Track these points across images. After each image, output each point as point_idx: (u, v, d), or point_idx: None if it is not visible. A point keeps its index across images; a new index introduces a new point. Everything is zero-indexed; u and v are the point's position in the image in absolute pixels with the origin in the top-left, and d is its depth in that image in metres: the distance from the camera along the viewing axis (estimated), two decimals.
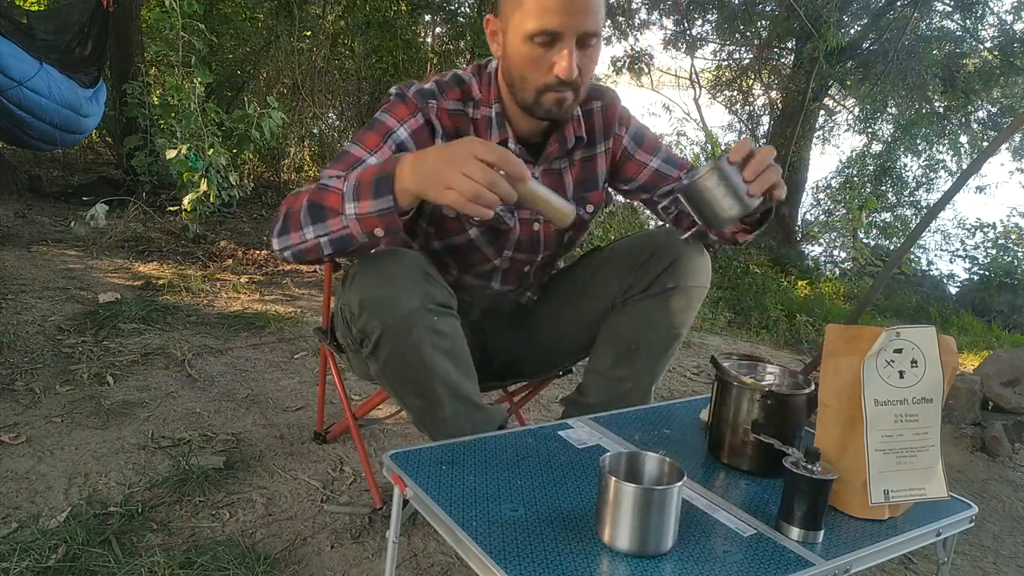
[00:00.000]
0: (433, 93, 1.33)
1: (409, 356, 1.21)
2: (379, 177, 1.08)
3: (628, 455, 0.98)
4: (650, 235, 1.48)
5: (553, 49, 1.21)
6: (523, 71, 1.24)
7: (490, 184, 0.99)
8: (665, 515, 0.89)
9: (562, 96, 1.25)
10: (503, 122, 1.35)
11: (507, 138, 1.35)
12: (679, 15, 8.53)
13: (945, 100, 8.22)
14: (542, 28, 1.18)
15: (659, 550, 0.90)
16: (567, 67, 1.20)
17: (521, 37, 1.21)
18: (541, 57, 1.21)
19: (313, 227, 1.14)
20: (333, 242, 1.14)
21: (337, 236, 1.13)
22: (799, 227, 9.06)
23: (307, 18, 6.47)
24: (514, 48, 1.24)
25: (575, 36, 1.20)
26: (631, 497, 0.88)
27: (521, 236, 1.44)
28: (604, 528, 0.91)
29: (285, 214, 1.18)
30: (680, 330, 1.44)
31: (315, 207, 1.14)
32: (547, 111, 1.27)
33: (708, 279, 1.44)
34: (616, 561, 0.89)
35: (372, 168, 1.12)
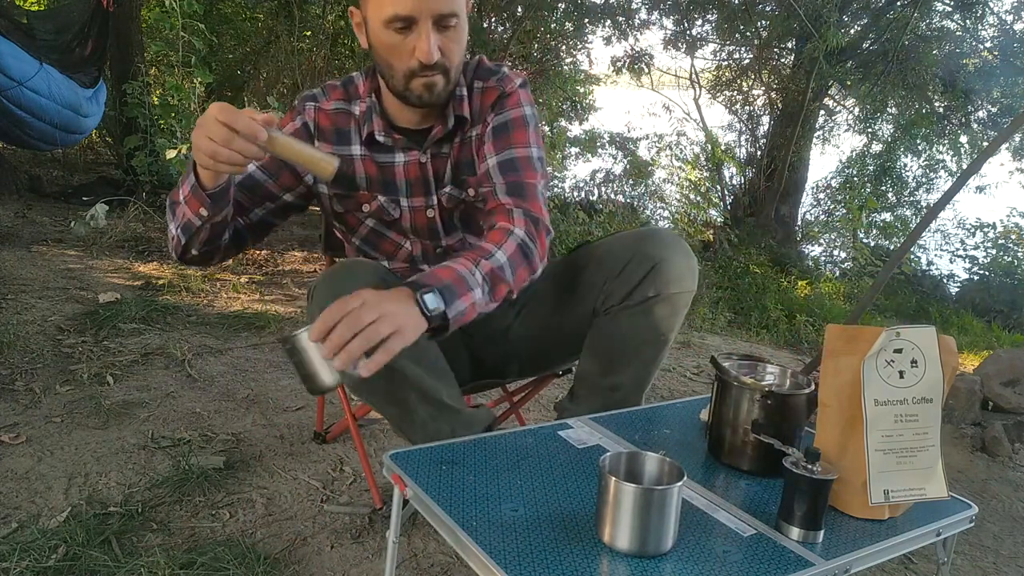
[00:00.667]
0: (315, 96, 1.40)
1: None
2: (192, 162, 1.16)
3: (628, 455, 0.98)
4: (629, 237, 1.42)
5: (411, 34, 1.21)
6: (388, 59, 1.25)
7: (224, 141, 1.03)
8: (665, 515, 0.89)
9: (430, 80, 1.25)
10: (371, 115, 1.37)
11: (374, 130, 1.36)
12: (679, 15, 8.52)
13: (945, 100, 8.21)
14: (395, 14, 1.19)
15: (659, 550, 0.90)
16: (426, 50, 1.20)
17: (379, 25, 1.22)
18: (400, 43, 1.22)
19: (173, 223, 1.25)
20: (182, 229, 1.23)
21: (183, 223, 1.22)
22: (799, 227, 9.05)
23: (307, 18, 6.48)
24: (375, 37, 1.25)
25: (429, 19, 1.20)
26: (631, 497, 0.88)
27: (414, 222, 1.43)
28: (604, 528, 0.91)
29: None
30: (667, 336, 1.40)
31: (170, 203, 1.25)
32: (418, 97, 1.27)
33: (694, 282, 1.39)
34: (616, 561, 0.89)
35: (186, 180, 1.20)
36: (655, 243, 1.37)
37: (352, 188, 1.41)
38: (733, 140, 9.43)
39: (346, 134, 1.39)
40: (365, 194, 1.41)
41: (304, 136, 1.37)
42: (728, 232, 7.34)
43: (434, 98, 1.29)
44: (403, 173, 1.40)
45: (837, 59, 7.24)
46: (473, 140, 1.41)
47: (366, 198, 1.41)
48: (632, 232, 1.45)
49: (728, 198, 8.79)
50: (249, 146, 1.04)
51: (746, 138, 9.32)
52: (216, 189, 1.17)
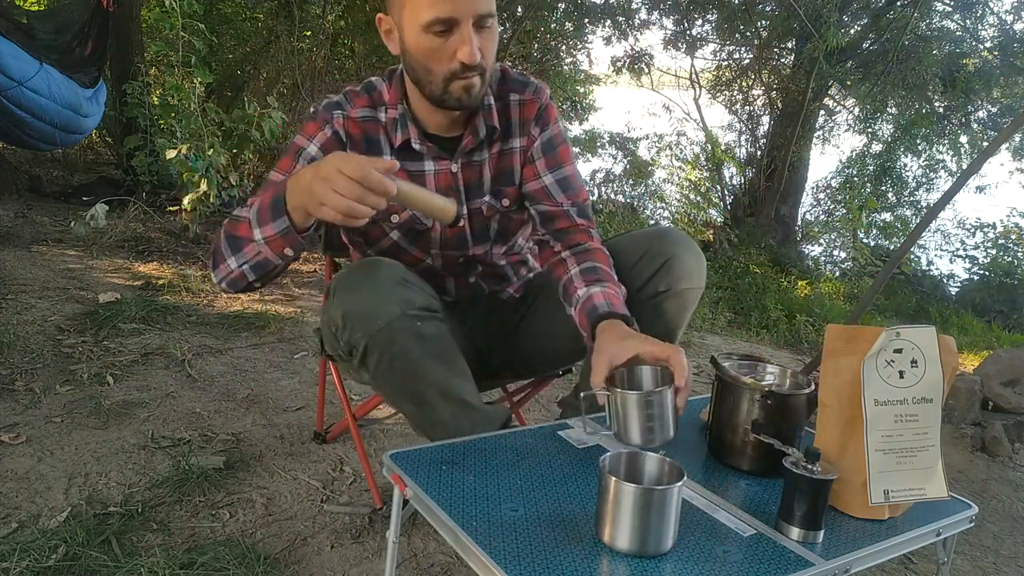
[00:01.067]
0: (339, 104, 1.36)
1: (397, 364, 1.22)
2: (274, 200, 1.14)
3: (628, 455, 0.98)
4: (642, 235, 1.46)
5: (452, 36, 1.20)
6: (425, 63, 1.24)
7: (358, 198, 1.02)
8: (665, 515, 0.89)
9: (469, 82, 1.25)
10: (405, 122, 1.35)
11: (409, 138, 1.35)
12: (679, 15, 8.52)
13: (945, 100, 8.21)
14: (436, 16, 1.18)
15: (659, 550, 0.90)
16: (469, 51, 1.19)
17: (417, 29, 1.20)
18: (441, 47, 1.21)
19: (234, 257, 1.20)
20: (254, 268, 1.20)
21: (255, 262, 1.19)
22: (799, 227, 9.05)
23: (307, 18, 6.47)
24: (412, 42, 1.23)
25: (470, 19, 1.19)
26: (631, 497, 0.88)
27: (444, 235, 1.44)
28: (604, 528, 0.91)
29: (214, 249, 1.25)
30: (675, 332, 1.43)
31: (231, 238, 1.20)
32: (457, 100, 1.27)
33: (702, 279, 1.42)
34: (616, 561, 0.89)
35: (269, 191, 1.18)
36: (667, 240, 1.40)
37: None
38: (733, 140, 9.43)
39: (376, 143, 1.37)
40: (393, 205, 1.37)
41: (336, 146, 1.34)
42: (728, 232, 7.34)
43: (472, 100, 1.28)
44: (433, 182, 1.39)
45: (837, 59, 7.24)
46: (517, 152, 1.44)
47: (396, 208, 1.38)
48: (643, 231, 1.49)
49: (728, 198, 8.79)
50: (380, 200, 1.04)
51: (746, 138, 9.32)
52: (309, 229, 1.16)
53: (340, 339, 1.24)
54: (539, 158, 1.44)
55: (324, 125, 1.34)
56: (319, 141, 1.33)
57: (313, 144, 1.33)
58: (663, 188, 8.29)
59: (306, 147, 1.33)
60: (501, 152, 1.43)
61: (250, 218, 1.17)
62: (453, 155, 1.39)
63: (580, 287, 1.33)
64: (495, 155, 1.42)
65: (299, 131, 1.36)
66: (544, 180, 1.44)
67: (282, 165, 1.33)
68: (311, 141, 1.34)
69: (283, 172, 1.31)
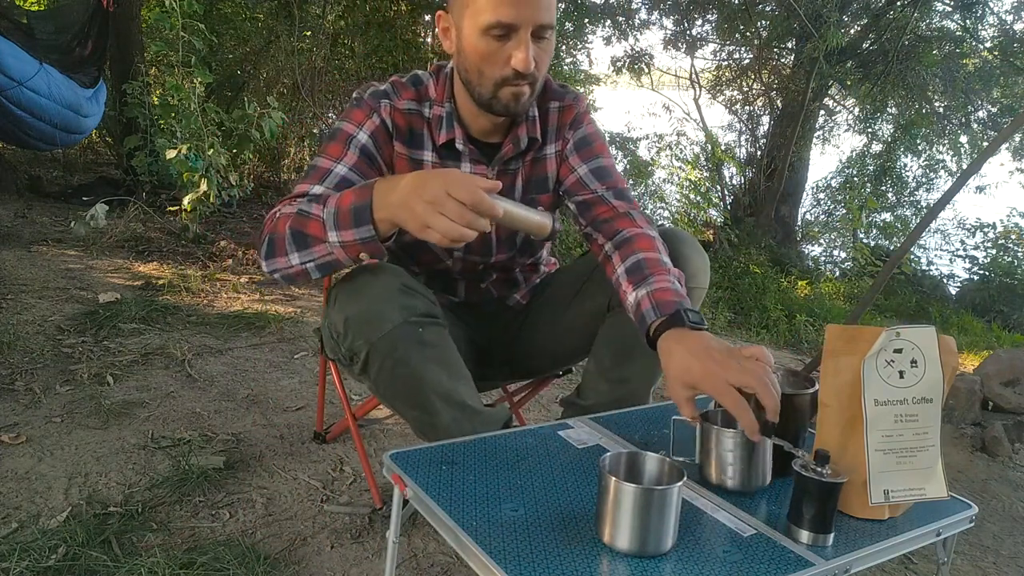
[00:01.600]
0: (387, 93, 1.35)
1: (398, 370, 1.22)
2: (357, 207, 1.11)
3: (628, 455, 0.98)
4: None
5: (509, 42, 1.20)
6: (479, 65, 1.24)
7: (468, 224, 1.01)
8: (665, 515, 0.89)
9: (519, 90, 1.24)
10: (452, 122, 1.35)
11: (454, 137, 1.35)
12: (679, 15, 8.52)
13: (945, 100, 8.21)
14: (497, 20, 1.17)
15: (659, 550, 0.90)
16: (524, 59, 1.19)
17: (476, 31, 1.20)
18: (497, 50, 1.21)
19: (299, 254, 1.18)
20: (320, 267, 1.19)
21: (323, 262, 1.18)
22: (799, 227, 9.05)
23: (307, 18, 6.47)
24: (469, 42, 1.23)
25: (530, 28, 1.19)
26: (631, 497, 0.88)
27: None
28: (604, 528, 0.91)
29: (270, 239, 1.21)
30: None
31: (298, 235, 1.17)
32: (504, 106, 1.27)
33: (707, 279, 1.43)
34: (616, 561, 0.89)
35: (348, 195, 1.14)
36: (674, 240, 1.40)
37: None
38: (733, 140, 9.43)
39: (419, 137, 1.37)
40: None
41: (384, 135, 1.34)
42: (728, 232, 7.33)
43: (519, 108, 1.28)
44: None
45: (837, 59, 7.24)
46: (549, 157, 1.44)
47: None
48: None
49: (728, 198, 8.79)
50: (485, 223, 1.03)
51: (746, 138, 9.32)
52: (391, 238, 1.15)
53: (341, 346, 1.24)
54: (572, 154, 1.44)
55: (371, 113, 1.33)
56: (368, 129, 1.32)
57: (362, 132, 1.32)
58: (663, 188, 8.28)
59: (355, 134, 1.32)
60: (535, 159, 1.44)
61: (323, 219, 1.14)
62: (491, 161, 1.39)
63: (629, 293, 1.27)
64: (528, 162, 1.43)
65: (344, 117, 1.35)
66: (579, 171, 1.44)
67: (332, 151, 1.30)
68: (360, 129, 1.32)
69: (334, 159, 1.29)
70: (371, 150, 1.32)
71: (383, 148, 1.34)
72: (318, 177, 1.28)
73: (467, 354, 1.47)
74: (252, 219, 5.06)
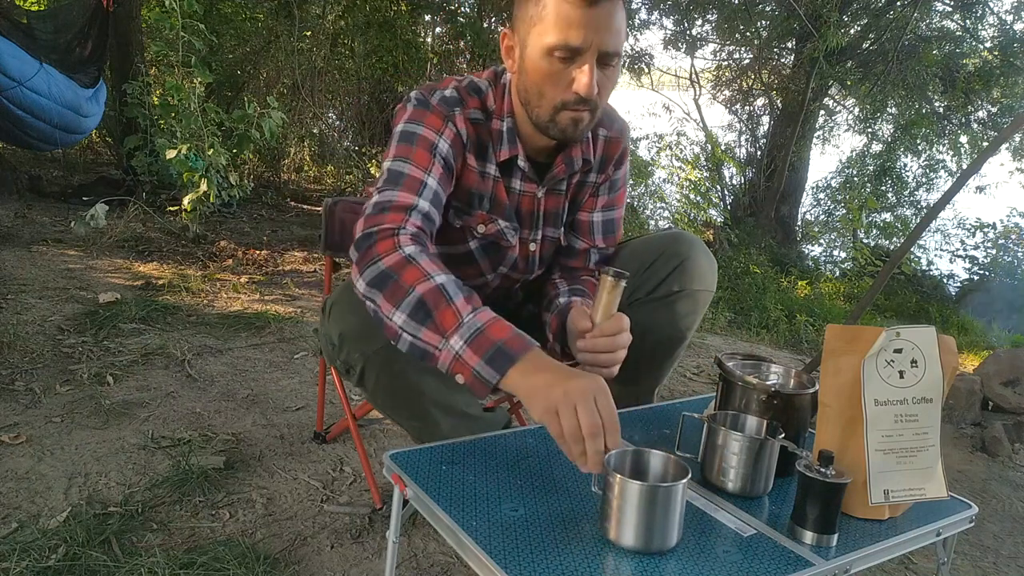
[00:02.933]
0: (457, 101, 1.29)
1: (395, 383, 1.22)
2: (503, 350, 1.01)
3: (633, 452, 0.98)
4: (656, 237, 1.47)
5: (573, 64, 1.17)
6: (541, 86, 1.20)
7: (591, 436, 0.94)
8: (670, 512, 0.89)
9: (578, 115, 1.21)
10: (514, 137, 1.31)
11: (517, 154, 1.32)
12: (679, 15, 8.52)
13: (945, 100, 8.21)
14: (564, 42, 1.14)
15: (664, 547, 0.90)
16: (587, 83, 1.16)
17: (540, 51, 1.17)
18: (560, 72, 1.18)
19: (407, 320, 1.06)
20: (414, 348, 1.07)
21: (422, 348, 1.06)
22: (799, 227, 9.05)
23: (307, 18, 6.47)
24: (532, 62, 1.19)
25: (596, 54, 1.16)
26: (636, 494, 0.88)
27: (519, 254, 1.42)
28: (610, 525, 0.91)
29: (389, 275, 1.08)
30: (685, 333, 1.44)
31: (423, 308, 1.05)
32: (561, 130, 1.24)
33: (714, 283, 1.44)
34: (616, 561, 0.89)
35: (502, 329, 1.04)
36: (682, 243, 1.41)
37: (476, 207, 1.35)
38: (733, 140, 9.43)
39: (485, 150, 1.32)
40: (483, 215, 1.35)
41: (459, 145, 1.28)
42: (728, 232, 7.34)
43: (577, 134, 1.25)
44: (517, 202, 1.37)
45: (837, 59, 7.24)
46: (591, 185, 1.45)
47: (484, 219, 1.35)
48: (658, 233, 1.51)
49: (728, 198, 8.79)
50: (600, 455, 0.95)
51: (746, 138, 9.33)
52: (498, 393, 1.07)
53: (337, 358, 1.24)
54: (603, 194, 1.46)
55: (446, 121, 1.27)
56: (448, 137, 1.26)
57: (442, 140, 1.26)
58: (663, 188, 8.28)
59: (437, 143, 1.25)
60: (580, 183, 1.43)
61: (463, 320, 1.03)
62: (542, 180, 1.37)
63: (563, 291, 1.38)
64: (574, 185, 1.43)
65: (415, 121, 1.27)
66: (594, 217, 1.46)
67: (419, 159, 1.23)
68: (440, 136, 1.26)
69: (422, 168, 1.22)
70: (451, 161, 1.27)
71: (458, 158, 1.29)
72: (415, 188, 1.20)
73: None
74: (252, 219, 5.06)
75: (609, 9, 1.14)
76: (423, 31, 7.09)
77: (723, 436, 1.06)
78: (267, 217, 5.23)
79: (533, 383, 0.99)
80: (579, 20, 1.13)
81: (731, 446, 1.06)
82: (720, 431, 1.07)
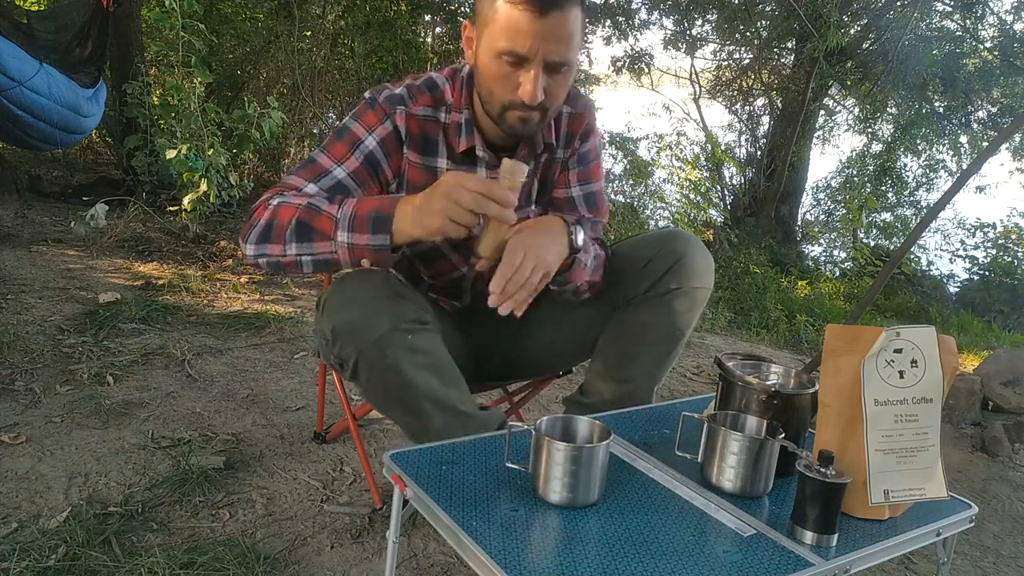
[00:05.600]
0: (402, 99, 1.32)
1: (389, 378, 1.23)
2: (377, 215, 1.14)
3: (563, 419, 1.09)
4: (652, 235, 1.47)
5: (521, 69, 1.19)
6: (490, 85, 1.23)
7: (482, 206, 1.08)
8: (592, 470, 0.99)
9: (526, 116, 1.24)
10: (471, 128, 1.34)
11: (474, 144, 1.34)
12: (679, 15, 8.53)
13: (945, 100, 8.21)
14: (511, 49, 1.17)
15: (587, 501, 1.00)
16: (531, 91, 1.19)
17: (490, 52, 1.20)
18: (508, 75, 1.20)
19: (297, 244, 1.18)
20: (316, 263, 1.20)
21: (322, 259, 1.19)
22: (799, 227, 9.06)
23: (307, 18, 6.47)
24: (483, 61, 1.23)
25: (543, 62, 1.18)
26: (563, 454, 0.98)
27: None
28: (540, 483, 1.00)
29: (268, 225, 1.20)
30: (683, 331, 1.44)
31: (304, 227, 1.18)
32: (510, 127, 1.26)
33: (711, 280, 1.44)
34: (617, 560, 0.89)
35: (369, 202, 1.17)
36: (679, 241, 1.42)
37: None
38: (733, 140, 9.44)
39: (433, 144, 1.35)
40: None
41: (394, 142, 1.33)
42: (728, 232, 7.34)
43: (526, 131, 1.28)
44: None
45: (837, 59, 7.24)
46: (558, 162, 1.45)
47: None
48: (655, 232, 1.53)
49: (728, 198, 8.79)
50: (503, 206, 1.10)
51: (746, 138, 9.33)
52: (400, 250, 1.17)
53: (331, 352, 1.25)
54: (573, 168, 1.47)
55: (384, 118, 1.31)
56: (378, 135, 1.31)
57: (372, 137, 1.31)
58: (663, 188, 8.28)
59: (363, 139, 1.30)
60: (547, 162, 1.44)
61: (337, 218, 1.16)
62: None
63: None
64: (542, 165, 1.43)
65: (354, 116, 1.33)
66: (572, 191, 1.47)
67: (336, 152, 1.30)
68: (370, 133, 1.31)
69: (336, 160, 1.29)
70: (377, 157, 1.31)
71: (391, 155, 1.33)
72: (313, 175, 1.27)
73: (466, 358, 1.47)
74: None
75: (559, 19, 1.15)
76: (423, 31, 7.09)
77: (723, 436, 1.07)
78: None
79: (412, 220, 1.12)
80: (527, 29, 1.15)
81: (731, 446, 1.06)
82: (720, 431, 1.07)
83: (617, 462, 1.15)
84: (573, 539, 0.93)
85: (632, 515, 0.99)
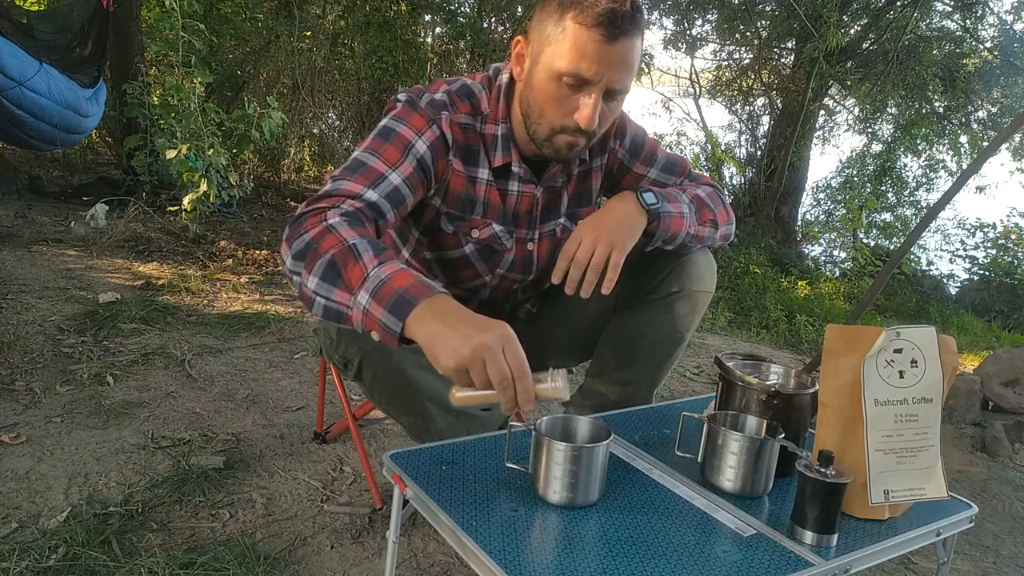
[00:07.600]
0: (445, 104, 1.27)
1: (393, 378, 1.22)
2: (403, 296, 0.97)
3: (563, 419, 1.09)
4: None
5: (580, 93, 1.16)
6: (543, 105, 1.19)
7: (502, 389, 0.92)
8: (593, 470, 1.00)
9: (575, 141, 1.21)
10: (508, 143, 1.30)
11: (510, 161, 1.31)
12: (679, 15, 8.53)
13: (945, 100, 8.21)
14: (575, 71, 1.13)
15: (587, 501, 1.01)
16: (589, 116, 1.16)
17: (550, 72, 1.16)
18: (565, 98, 1.17)
19: (320, 283, 1.03)
20: (328, 310, 1.04)
21: (335, 309, 1.03)
22: (799, 227, 9.05)
23: (307, 18, 6.47)
24: (539, 81, 1.18)
25: (604, 88, 1.15)
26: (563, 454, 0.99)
27: (516, 256, 1.41)
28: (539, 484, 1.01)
29: (308, 244, 1.06)
30: (684, 334, 1.44)
31: (333, 268, 1.03)
32: (555, 151, 1.24)
33: (713, 283, 1.43)
34: (616, 560, 0.89)
35: (405, 277, 0.99)
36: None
37: (469, 212, 1.34)
38: (733, 140, 9.44)
39: (475, 155, 1.31)
40: (479, 219, 1.34)
41: (442, 149, 1.26)
42: None
43: (570, 156, 1.26)
44: (515, 203, 1.36)
45: (837, 59, 7.24)
46: (595, 170, 1.42)
47: (479, 223, 1.35)
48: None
49: (728, 198, 8.77)
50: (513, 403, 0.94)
51: (746, 138, 9.33)
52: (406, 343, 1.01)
53: (335, 352, 1.25)
54: (632, 161, 1.43)
55: (430, 123, 1.25)
56: (428, 139, 1.24)
57: (422, 141, 1.24)
58: None
59: (414, 143, 1.23)
60: (580, 173, 1.41)
61: (368, 273, 1.00)
62: (540, 180, 1.36)
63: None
64: (575, 177, 1.41)
65: (397, 119, 1.25)
66: (650, 175, 1.44)
67: (388, 155, 1.20)
68: (419, 137, 1.24)
69: (391, 165, 1.19)
70: (427, 163, 1.25)
71: (438, 161, 1.27)
72: (369, 180, 1.17)
73: None
74: (252, 219, 5.06)
75: (627, 46, 1.13)
76: (423, 31, 7.09)
77: (723, 436, 1.07)
78: (267, 217, 5.23)
79: (432, 331, 0.94)
80: (595, 53, 1.12)
81: (731, 446, 1.06)
82: (720, 431, 1.07)
83: (617, 462, 1.15)
84: (573, 539, 0.93)
85: (632, 515, 0.99)
